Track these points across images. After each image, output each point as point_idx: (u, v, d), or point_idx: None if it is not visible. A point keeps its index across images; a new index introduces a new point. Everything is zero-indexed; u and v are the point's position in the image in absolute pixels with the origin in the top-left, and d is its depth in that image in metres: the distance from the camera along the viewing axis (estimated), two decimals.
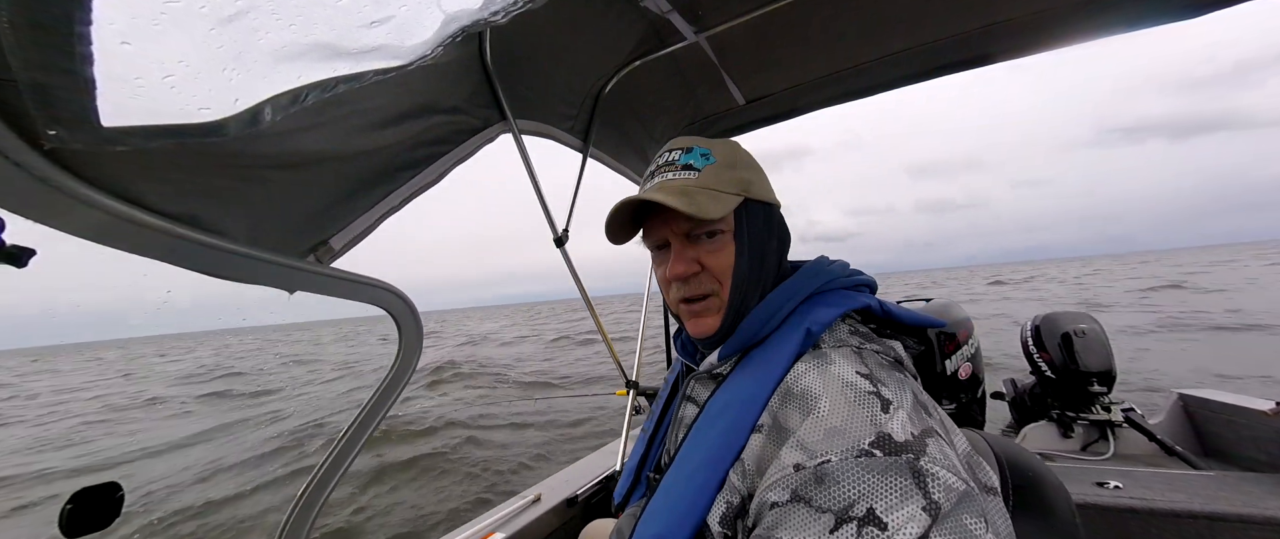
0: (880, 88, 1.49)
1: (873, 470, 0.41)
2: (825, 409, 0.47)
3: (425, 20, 0.57)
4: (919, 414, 0.47)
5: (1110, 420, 2.11)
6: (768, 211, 0.64)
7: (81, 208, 0.48)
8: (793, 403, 0.50)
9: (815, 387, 0.50)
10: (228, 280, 0.69)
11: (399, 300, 0.93)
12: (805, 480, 0.42)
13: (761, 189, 0.63)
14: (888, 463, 0.41)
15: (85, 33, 0.39)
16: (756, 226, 0.62)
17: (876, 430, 0.43)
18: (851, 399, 0.47)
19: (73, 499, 0.62)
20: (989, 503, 0.44)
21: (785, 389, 0.52)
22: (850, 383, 0.49)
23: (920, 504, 0.38)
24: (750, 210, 0.62)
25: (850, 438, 0.43)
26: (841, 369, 0.51)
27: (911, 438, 0.43)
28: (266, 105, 0.51)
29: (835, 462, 0.42)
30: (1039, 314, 2.35)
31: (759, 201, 0.63)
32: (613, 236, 0.66)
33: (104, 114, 0.42)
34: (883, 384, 0.49)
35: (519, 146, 1.19)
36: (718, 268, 0.61)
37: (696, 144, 0.64)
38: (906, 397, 0.48)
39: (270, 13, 0.46)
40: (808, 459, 0.44)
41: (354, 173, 0.79)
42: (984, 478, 0.47)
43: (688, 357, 0.72)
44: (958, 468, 0.42)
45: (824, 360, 0.52)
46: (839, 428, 0.45)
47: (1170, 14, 1.09)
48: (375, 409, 0.94)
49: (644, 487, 0.75)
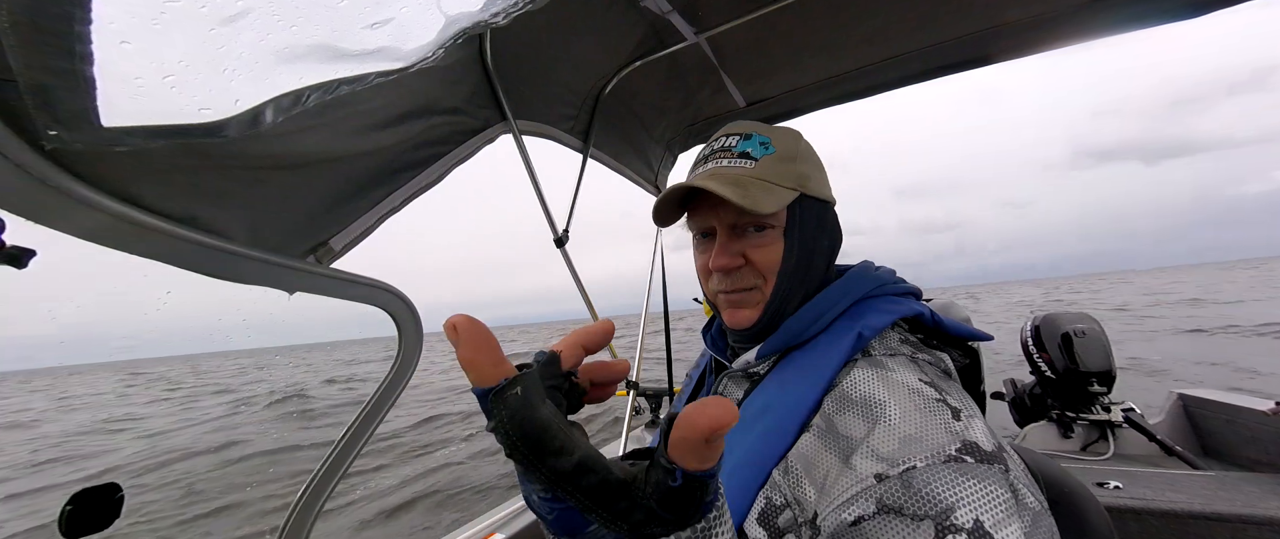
0: (880, 88, 1.49)
1: (968, 476, 0.38)
2: (895, 416, 0.45)
3: (426, 22, 0.57)
4: (988, 426, 0.45)
5: (1110, 420, 2.11)
6: (823, 210, 0.61)
7: (81, 208, 0.48)
8: (852, 409, 0.48)
9: (878, 393, 0.48)
10: (228, 281, 0.69)
11: (399, 301, 0.92)
12: (892, 490, 0.40)
13: (819, 186, 0.60)
14: (984, 471, 0.39)
15: (85, 33, 0.39)
16: (809, 225, 0.59)
17: (959, 438, 0.41)
18: (921, 405, 0.45)
19: (73, 500, 0.62)
20: (1051, 524, 0.42)
21: (841, 394, 0.50)
22: (916, 389, 0.47)
23: (1022, 528, 0.37)
24: (805, 207, 0.58)
25: (931, 445, 0.41)
26: (904, 376, 0.49)
27: (997, 448, 0.41)
28: (267, 106, 0.51)
29: (922, 467, 0.40)
30: (1039, 314, 2.35)
31: (815, 198, 0.59)
32: (660, 218, 0.64)
33: (104, 114, 0.42)
34: (947, 393, 0.47)
35: (519, 147, 1.19)
36: (764, 264, 0.58)
37: (757, 130, 0.60)
38: (973, 406, 0.47)
39: (271, 14, 0.46)
40: (889, 468, 0.41)
41: (354, 174, 0.79)
42: (1041, 497, 0.45)
43: (718, 352, 0.69)
44: (1033, 487, 0.41)
45: (881, 367, 0.51)
46: (915, 435, 0.43)
47: (1170, 14, 1.09)
48: (375, 410, 0.94)
49: None
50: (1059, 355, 2.19)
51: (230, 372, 41.80)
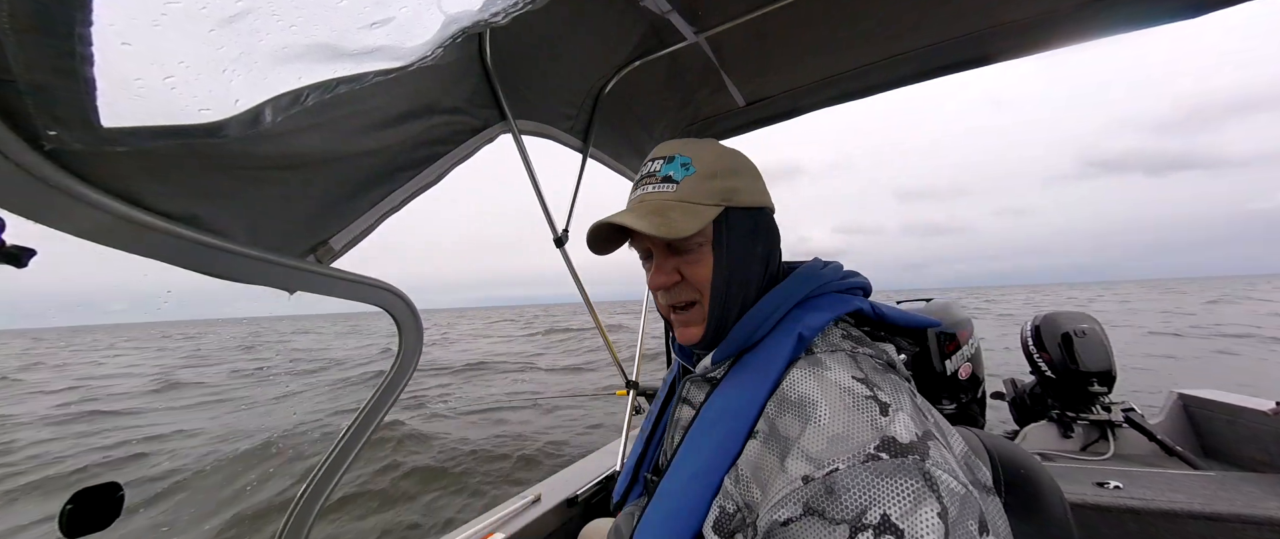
0: (880, 88, 1.49)
1: (881, 474, 0.40)
2: (825, 416, 0.47)
3: (425, 21, 0.57)
4: (918, 416, 0.47)
5: (1110, 420, 2.11)
6: (753, 217, 0.62)
7: (82, 208, 0.48)
8: (790, 410, 0.50)
9: (812, 393, 0.49)
10: (228, 280, 0.69)
11: (399, 300, 0.93)
12: (815, 493, 0.42)
13: (747, 195, 0.61)
14: (895, 466, 0.41)
15: (86, 34, 0.39)
16: (737, 236, 0.60)
17: (880, 434, 0.43)
18: (850, 404, 0.47)
19: (73, 500, 0.62)
20: (988, 503, 0.44)
21: (781, 395, 0.52)
22: (847, 388, 0.49)
23: (936, 509, 0.38)
24: (731, 220, 0.60)
25: (854, 443, 0.43)
26: (837, 375, 0.50)
27: (916, 439, 0.43)
28: (267, 106, 0.51)
29: (843, 469, 0.42)
30: (1039, 314, 2.35)
31: (743, 208, 0.61)
32: (595, 249, 0.66)
33: (104, 115, 0.42)
34: (879, 388, 0.49)
35: (519, 147, 1.19)
36: (697, 279, 0.60)
37: (680, 151, 0.62)
38: (903, 399, 0.48)
39: (270, 14, 0.46)
40: (815, 470, 0.43)
41: (354, 173, 0.79)
42: (981, 477, 0.47)
43: (684, 358, 0.72)
44: (955, 470, 0.42)
45: (819, 366, 0.52)
46: (841, 434, 0.44)
47: (1170, 14, 1.09)
48: (375, 409, 0.94)
49: (641, 486, 0.75)
50: (1059, 355, 2.19)
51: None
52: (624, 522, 0.67)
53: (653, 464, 0.75)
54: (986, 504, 0.43)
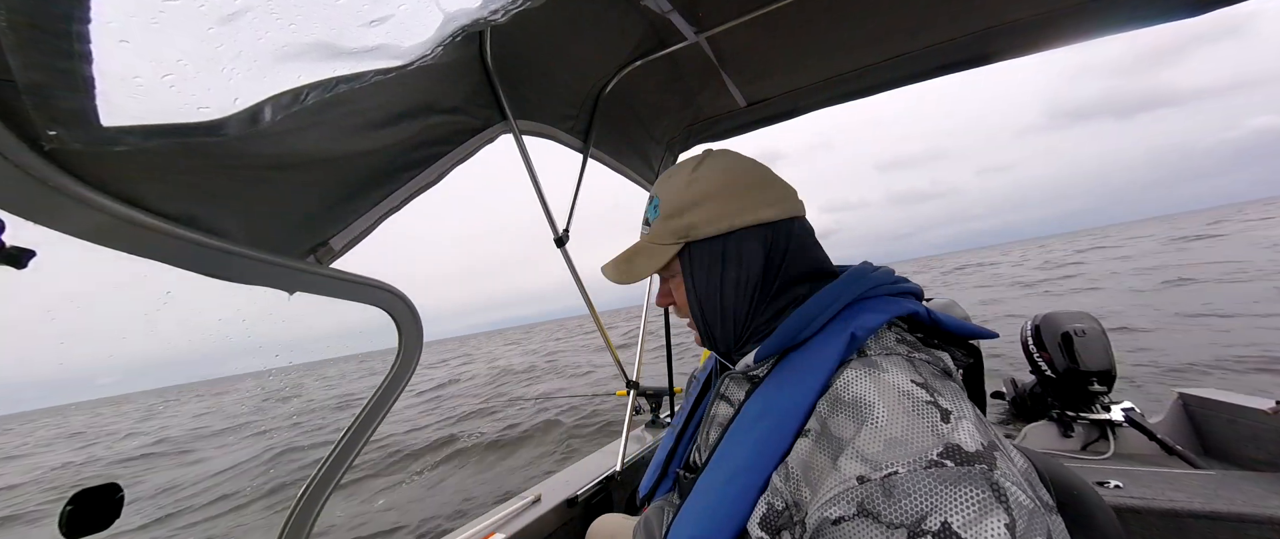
0: (881, 88, 1.49)
1: (945, 481, 0.39)
2: (883, 418, 0.45)
3: (425, 20, 0.57)
4: (982, 426, 0.45)
5: (1110, 420, 2.11)
6: (720, 244, 0.63)
7: (81, 209, 0.48)
8: (843, 410, 0.48)
9: (868, 394, 0.48)
10: (227, 281, 0.69)
11: (399, 301, 0.92)
12: (871, 494, 0.41)
13: (709, 225, 0.62)
14: (961, 473, 0.39)
15: (84, 32, 0.39)
16: (700, 268, 0.64)
17: (943, 441, 0.41)
18: (909, 408, 0.45)
19: (73, 500, 0.62)
20: (1054, 522, 0.41)
21: (834, 395, 0.50)
22: (906, 391, 0.47)
23: (1003, 521, 0.36)
24: (693, 253, 0.64)
25: (915, 448, 0.41)
26: (895, 377, 0.49)
27: (982, 448, 0.41)
28: (266, 105, 0.51)
29: (903, 473, 0.40)
30: (1039, 313, 2.35)
31: (706, 239, 0.63)
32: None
33: (103, 114, 0.42)
34: (939, 394, 0.47)
35: (519, 147, 1.19)
36: (681, 303, 0.68)
37: (658, 190, 0.68)
38: (965, 407, 0.47)
39: (270, 12, 0.46)
40: (872, 471, 0.42)
41: (354, 173, 0.79)
42: (1044, 496, 0.44)
43: (723, 355, 0.71)
44: (1023, 484, 0.40)
45: (874, 367, 0.51)
46: (900, 438, 0.43)
47: (1170, 13, 1.09)
48: (375, 409, 0.94)
49: (670, 481, 0.74)
50: (1059, 355, 2.19)
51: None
52: (655, 516, 0.67)
53: (683, 461, 0.74)
54: (1052, 523, 0.40)
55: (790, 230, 0.64)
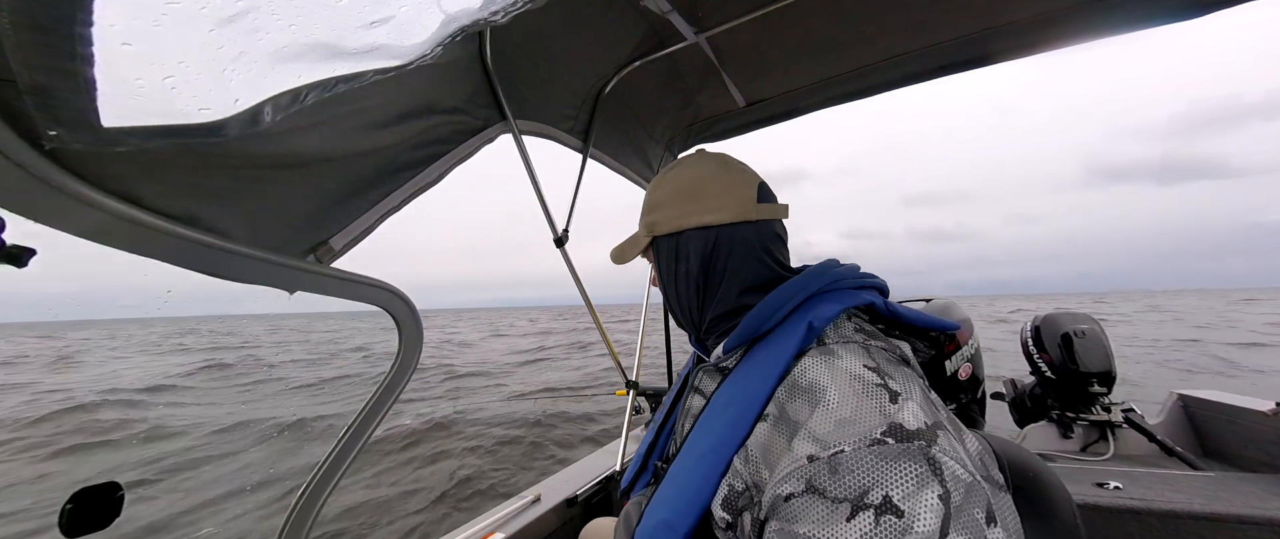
0: (880, 88, 1.49)
1: (886, 457, 0.41)
2: (834, 400, 0.47)
3: (425, 20, 0.57)
4: (929, 407, 0.47)
5: (1110, 421, 2.11)
6: (674, 241, 0.70)
7: (82, 208, 0.48)
8: (800, 395, 0.51)
9: (822, 379, 0.50)
10: (228, 280, 0.69)
11: (399, 300, 0.93)
12: (819, 471, 0.43)
13: (667, 223, 0.70)
14: (900, 450, 0.41)
15: (86, 34, 0.39)
16: (662, 259, 0.72)
17: (888, 420, 0.44)
18: (859, 391, 0.47)
19: (73, 499, 0.63)
20: (1000, 499, 0.44)
21: (791, 382, 0.53)
22: (857, 375, 0.49)
23: (937, 492, 0.39)
24: (657, 246, 0.72)
25: (862, 427, 0.44)
26: (848, 363, 0.51)
27: (924, 426, 0.43)
28: (266, 105, 0.51)
29: (849, 451, 0.42)
30: (1039, 315, 2.35)
31: (665, 235, 0.70)
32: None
33: (104, 114, 0.42)
34: (890, 377, 0.49)
35: (519, 147, 1.19)
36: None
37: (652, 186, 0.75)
38: (914, 389, 0.49)
39: (270, 13, 0.46)
40: (821, 450, 0.44)
41: (354, 173, 0.79)
42: (995, 475, 0.47)
43: (699, 348, 0.75)
44: (964, 460, 0.42)
45: (830, 354, 0.53)
46: (849, 418, 0.45)
47: (1170, 14, 1.09)
48: (375, 409, 0.95)
49: (650, 474, 0.77)
50: (1059, 356, 2.19)
51: None
52: (633, 508, 0.69)
53: (663, 453, 0.77)
54: (999, 500, 0.43)
55: (734, 235, 0.66)
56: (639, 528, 0.56)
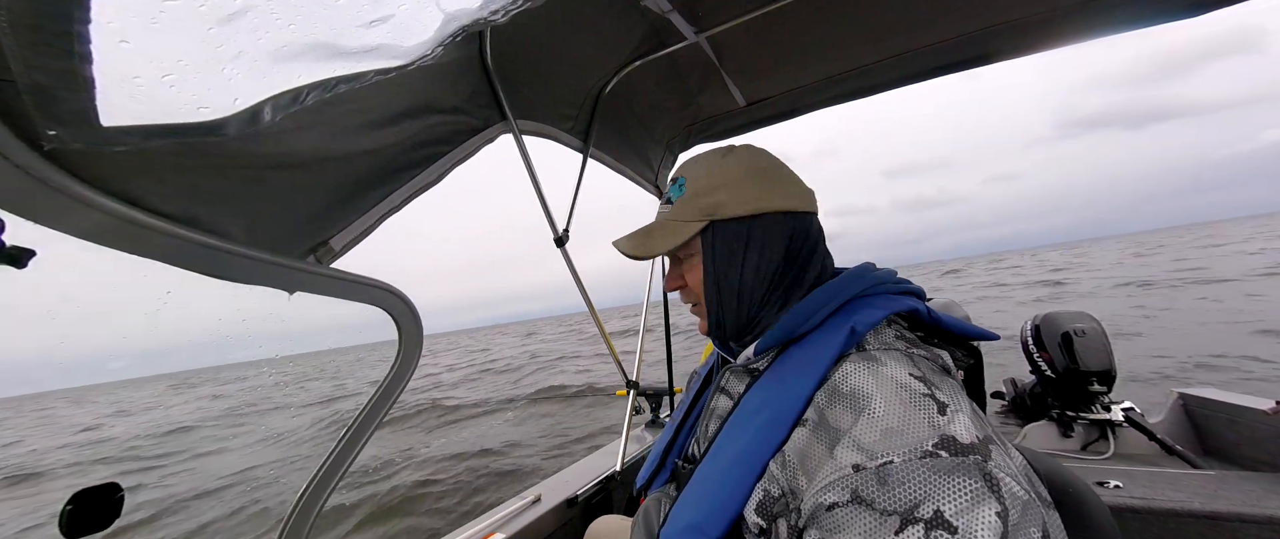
0: (881, 87, 1.49)
1: (939, 471, 0.39)
2: (880, 409, 0.46)
3: (425, 20, 0.57)
4: (979, 420, 0.46)
5: (1110, 420, 2.11)
6: (745, 226, 0.63)
7: (81, 208, 0.48)
8: (841, 401, 0.49)
9: (866, 386, 0.49)
10: (228, 281, 0.69)
11: (399, 301, 0.92)
12: (866, 481, 0.41)
13: (735, 206, 0.63)
14: (955, 464, 0.40)
15: (84, 32, 0.39)
16: (722, 246, 0.63)
17: (939, 432, 0.42)
18: (906, 400, 0.46)
19: (73, 500, 0.62)
20: (1050, 517, 0.42)
21: (832, 387, 0.51)
22: (904, 384, 0.48)
23: (995, 509, 0.37)
24: (717, 231, 0.63)
25: (911, 439, 0.42)
26: (893, 370, 0.49)
27: (976, 441, 0.42)
28: (266, 105, 0.51)
29: (898, 462, 0.41)
30: (1039, 314, 2.35)
31: (731, 219, 0.63)
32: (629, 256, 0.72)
33: (103, 114, 0.42)
34: (937, 388, 0.47)
35: (519, 147, 1.19)
36: (693, 284, 0.67)
37: (684, 172, 0.68)
38: (963, 401, 0.47)
39: (270, 12, 0.46)
40: (868, 460, 0.42)
41: (354, 173, 0.79)
42: (1041, 491, 0.45)
43: (725, 349, 0.72)
44: (1018, 476, 0.41)
45: (873, 361, 0.51)
46: (897, 428, 0.43)
47: (1170, 13, 1.09)
48: (375, 409, 0.94)
49: (668, 472, 0.74)
50: (1059, 355, 2.19)
51: None
52: (652, 506, 0.67)
53: (682, 452, 0.75)
54: (1048, 517, 0.41)
55: (810, 225, 0.65)
56: (664, 530, 0.54)
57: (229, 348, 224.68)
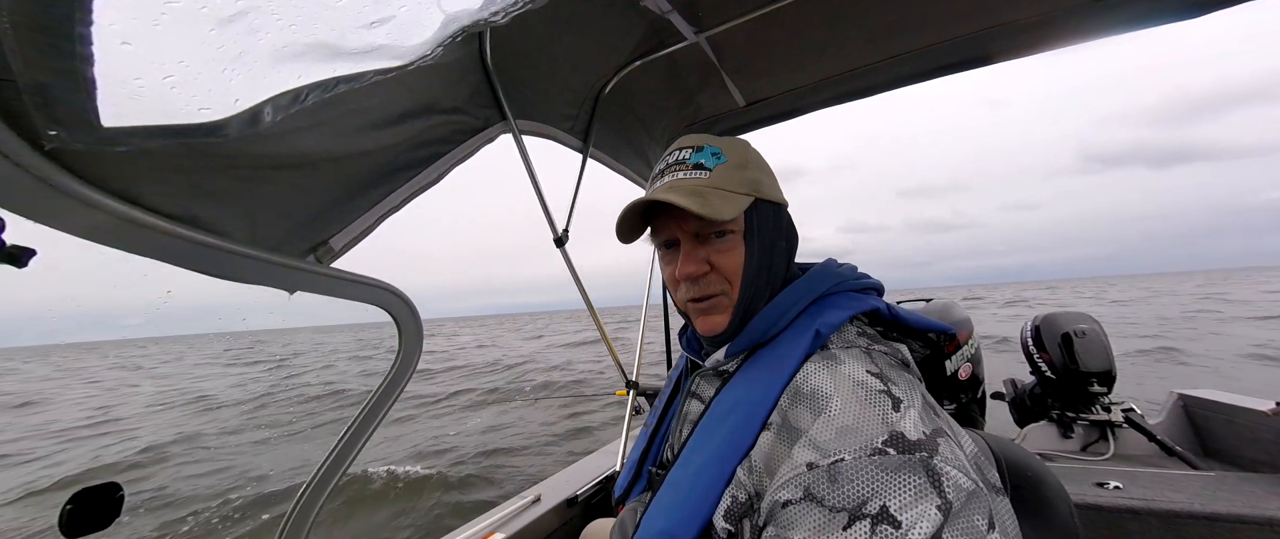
0: (880, 88, 1.49)
1: (886, 469, 0.41)
2: (837, 408, 0.47)
3: (425, 20, 0.57)
4: (929, 414, 0.47)
5: (1110, 421, 2.11)
6: (777, 212, 0.64)
7: (82, 208, 0.48)
8: (803, 402, 0.50)
9: (826, 386, 0.50)
10: (228, 280, 0.69)
11: (399, 300, 0.93)
12: (818, 479, 0.43)
13: (771, 190, 0.63)
14: (901, 461, 0.41)
15: (86, 33, 0.39)
16: (767, 227, 0.61)
17: (889, 429, 0.44)
18: (862, 398, 0.47)
19: (73, 500, 0.62)
20: (998, 503, 0.44)
21: (795, 388, 0.52)
22: (861, 382, 0.49)
23: (935, 503, 0.39)
24: (760, 211, 0.61)
25: (863, 436, 0.44)
26: (851, 369, 0.51)
27: (924, 436, 0.43)
28: (267, 105, 0.51)
29: (849, 460, 0.42)
30: (1039, 315, 2.35)
31: (769, 202, 0.62)
32: (622, 236, 0.65)
33: (104, 114, 0.42)
34: (893, 383, 0.49)
35: (519, 147, 1.19)
36: (728, 268, 0.60)
37: (708, 142, 0.62)
38: (916, 396, 0.49)
39: (270, 13, 0.46)
40: (821, 458, 0.44)
41: (354, 173, 0.79)
42: (991, 478, 0.47)
43: (693, 352, 0.72)
44: (966, 467, 0.42)
45: (833, 360, 0.53)
46: (851, 426, 0.45)
47: (1170, 14, 1.09)
48: (375, 409, 0.94)
49: (644, 481, 0.74)
50: (1059, 355, 2.19)
51: None
52: (628, 516, 0.67)
53: (657, 459, 0.75)
54: (996, 504, 0.43)
55: (791, 220, 0.67)
56: (637, 536, 0.54)
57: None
